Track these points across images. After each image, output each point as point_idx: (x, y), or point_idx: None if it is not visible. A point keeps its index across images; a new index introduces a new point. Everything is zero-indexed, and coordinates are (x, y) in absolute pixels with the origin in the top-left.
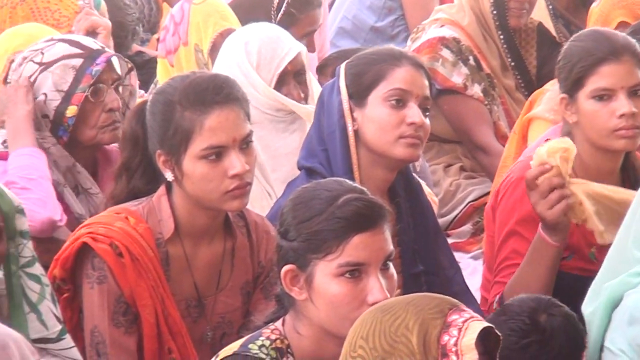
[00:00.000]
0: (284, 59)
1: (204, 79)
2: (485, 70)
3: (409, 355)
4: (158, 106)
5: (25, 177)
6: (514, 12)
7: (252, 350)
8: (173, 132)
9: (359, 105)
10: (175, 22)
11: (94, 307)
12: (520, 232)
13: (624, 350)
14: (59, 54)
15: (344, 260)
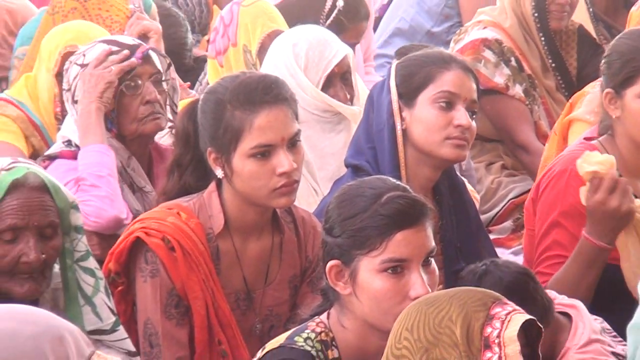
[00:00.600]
0: (332, 61)
1: (253, 79)
2: (527, 71)
3: (452, 347)
4: (209, 105)
5: (95, 174)
6: (555, 14)
7: (298, 343)
8: (223, 131)
9: (408, 105)
10: (224, 24)
11: (147, 299)
12: (563, 223)
13: None
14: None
15: (386, 256)
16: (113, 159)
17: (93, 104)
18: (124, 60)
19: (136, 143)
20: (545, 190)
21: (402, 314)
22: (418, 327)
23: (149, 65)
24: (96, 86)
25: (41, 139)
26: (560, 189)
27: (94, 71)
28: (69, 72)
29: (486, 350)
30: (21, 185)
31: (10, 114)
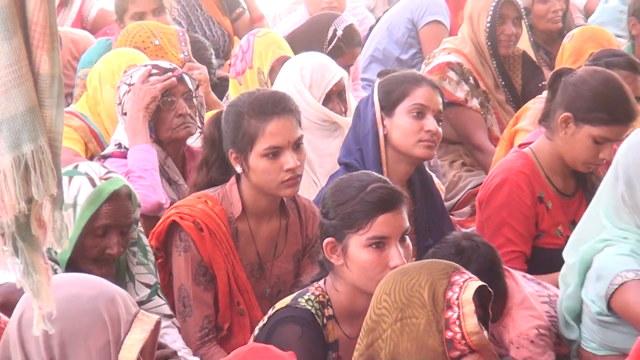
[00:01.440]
0: (331, 81)
1: (265, 95)
2: (482, 88)
3: (421, 307)
4: (230, 115)
5: (142, 167)
6: (504, 43)
7: (301, 303)
8: (242, 136)
9: (388, 115)
10: (242, 51)
11: (180, 270)
12: (511, 224)
13: (593, 300)
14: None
15: (371, 234)
16: (155, 156)
17: (140, 112)
18: (166, 80)
19: (171, 146)
20: (492, 195)
21: (382, 281)
22: (394, 291)
23: (182, 85)
24: (144, 99)
25: (97, 144)
26: (504, 195)
27: (142, 86)
28: (119, 90)
29: (448, 310)
30: (117, 195)
31: (73, 125)
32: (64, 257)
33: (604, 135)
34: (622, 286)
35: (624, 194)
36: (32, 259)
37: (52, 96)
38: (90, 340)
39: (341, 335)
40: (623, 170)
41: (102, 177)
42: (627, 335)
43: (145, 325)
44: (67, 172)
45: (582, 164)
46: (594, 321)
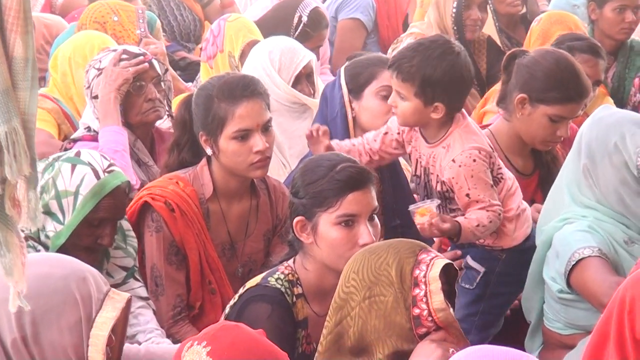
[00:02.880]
0: (299, 64)
1: (235, 79)
2: None
3: (389, 285)
4: (200, 98)
5: (112, 149)
6: (469, 27)
7: (271, 282)
8: (212, 119)
9: (356, 98)
10: (214, 35)
11: (153, 250)
12: None
13: (554, 278)
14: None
15: (341, 212)
16: (126, 138)
17: (112, 94)
18: (138, 64)
19: (140, 129)
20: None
21: (350, 260)
22: (362, 270)
23: (152, 70)
24: (116, 81)
25: (70, 125)
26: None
27: (114, 68)
28: (88, 73)
29: (415, 287)
30: (118, 190)
31: (46, 107)
32: (58, 242)
33: (559, 113)
34: (580, 263)
35: (586, 166)
36: (6, 238)
37: (26, 79)
38: (62, 318)
39: (310, 313)
40: (586, 144)
41: (105, 169)
42: (589, 312)
43: (116, 304)
44: (69, 158)
45: (540, 143)
46: (555, 300)
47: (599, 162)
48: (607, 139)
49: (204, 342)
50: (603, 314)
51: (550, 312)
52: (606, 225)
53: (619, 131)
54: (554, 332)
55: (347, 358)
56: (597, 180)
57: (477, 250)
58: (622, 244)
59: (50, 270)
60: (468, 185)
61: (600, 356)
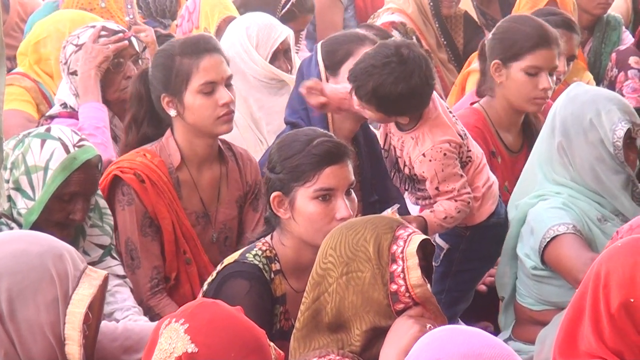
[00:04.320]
0: (277, 40)
1: (195, 36)
2: (425, 47)
3: (367, 261)
4: (160, 59)
5: (93, 125)
6: (446, 3)
7: (249, 258)
8: (175, 76)
9: (332, 75)
10: (189, 11)
11: (126, 223)
12: None
13: (528, 254)
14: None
15: (318, 186)
16: (107, 114)
17: (92, 71)
18: (118, 41)
19: (118, 106)
20: None
21: (327, 236)
22: (340, 246)
23: (130, 47)
24: (96, 57)
25: (48, 105)
26: None
27: (94, 45)
28: (65, 49)
29: (392, 264)
30: (89, 164)
31: (25, 86)
32: (31, 218)
33: (532, 64)
34: (554, 239)
35: (561, 144)
36: None
37: None
38: (38, 295)
39: (288, 289)
40: (561, 121)
41: (75, 144)
42: (562, 289)
43: (93, 281)
44: (39, 134)
45: (528, 102)
46: (528, 276)
47: (574, 139)
48: (583, 116)
49: (182, 320)
50: (578, 288)
51: (522, 288)
52: (580, 203)
53: (594, 108)
54: (525, 307)
55: (325, 334)
56: (573, 157)
57: None
58: (595, 222)
59: (27, 248)
60: (438, 179)
61: (575, 331)
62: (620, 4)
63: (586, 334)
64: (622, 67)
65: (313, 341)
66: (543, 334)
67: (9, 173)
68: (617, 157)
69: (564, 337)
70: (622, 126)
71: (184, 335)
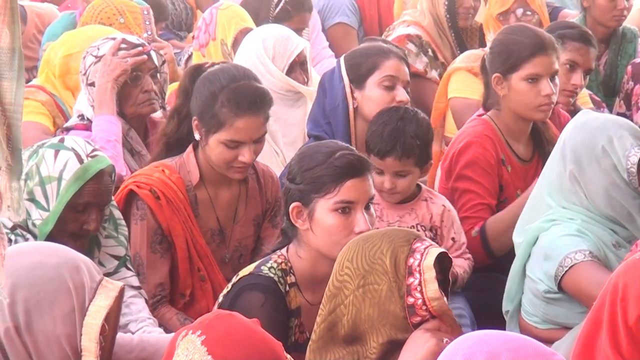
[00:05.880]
0: (294, 52)
1: (245, 89)
2: (440, 60)
3: (383, 274)
4: (205, 92)
5: (105, 138)
6: (462, 15)
7: (264, 271)
8: (210, 116)
9: (358, 88)
10: (206, 23)
11: (137, 238)
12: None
13: (541, 278)
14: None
15: (339, 198)
16: (120, 128)
17: (109, 84)
18: (137, 55)
19: (134, 120)
20: (457, 158)
21: (344, 248)
22: (357, 258)
23: (149, 61)
24: (114, 71)
25: (64, 119)
26: (470, 156)
27: (113, 58)
28: (85, 60)
29: (409, 276)
30: (102, 174)
31: (41, 99)
32: (46, 229)
33: (531, 72)
34: (572, 268)
35: (573, 172)
36: None
37: (13, 69)
38: (55, 306)
39: (303, 302)
40: (571, 149)
41: (88, 154)
42: (569, 311)
43: (109, 292)
44: (53, 145)
45: (533, 110)
46: (538, 297)
47: (587, 167)
48: (594, 143)
49: (199, 331)
50: (596, 301)
51: (529, 306)
52: (594, 229)
53: (605, 135)
54: (530, 325)
55: (341, 346)
56: (586, 185)
57: None
58: (610, 247)
59: (43, 259)
60: (454, 228)
61: (593, 344)
62: (636, 16)
63: (604, 347)
64: (638, 79)
65: (329, 353)
66: (558, 347)
67: (23, 184)
68: (632, 183)
69: (581, 350)
70: (636, 152)
71: (201, 347)
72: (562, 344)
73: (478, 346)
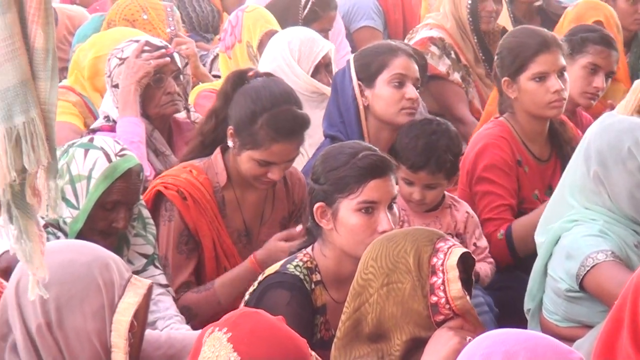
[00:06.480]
0: (319, 54)
1: (287, 116)
2: (463, 62)
3: (407, 272)
4: (245, 108)
5: (128, 140)
6: (484, 19)
7: (289, 269)
8: (247, 134)
9: (368, 87)
10: (232, 25)
11: (164, 239)
12: (496, 180)
13: (562, 278)
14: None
15: (362, 198)
16: (143, 129)
17: (132, 85)
18: (160, 57)
19: (158, 120)
20: (476, 161)
21: (368, 247)
22: (381, 257)
23: (172, 63)
24: (137, 72)
25: (94, 119)
26: (488, 158)
27: (136, 60)
28: (110, 62)
29: (432, 276)
30: (130, 172)
31: (71, 100)
32: (76, 227)
33: (537, 70)
34: (594, 268)
35: (597, 173)
36: (26, 226)
37: (47, 69)
38: (85, 303)
39: (328, 299)
40: (596, 151)
41: (117, 153)
42: (590, 309)
43: (138, 290)
44: (82, 144)
45: (545, 108)
46: (560, 295)
47: (612, 168)
48: (620, 144)
49: (225, 329)
50: (617, 301)
51: (550, 305)
52: (616, 229)
53: (631, 136)
54: (551, 323)
55: (365, 343)
56: (610, 186)
57: None
58: (632, 248)
59: (74, 257)
60: (475, 234)
61: (614, 343)
62: None
63: (624, 346)
64: None
65: (354, 350)
66: (576, 347)
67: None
68: None
69: (602, 348)
70: None
71: (227, 344)
72: (583, 343)
73: (496, 346)
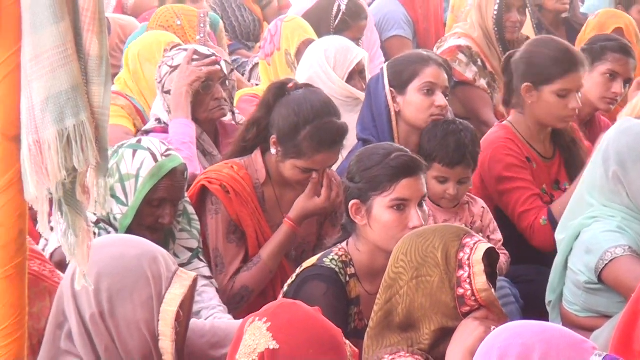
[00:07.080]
0: (353, 61)
1: (329, 128)
2: (489, 69)
3: (435, 266)
4: (289, 119)
5: (180, 140)
6: (509, 29)
7: (326, 263)
8: (291, 145)
9: (400, 94)
10: (271, 34)
11: (213, 232)
12: (516, 176)
13: (582, 270)
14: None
15: (394, 196)
16: (194, 130)
17: (184, 88)
18: (210, 64)
19: (206, 124)
20: (490, 167)
21: (399, 243)
22: (411, 252)
23: (219, 70)
24: (189, 77)
25: (142, 120)
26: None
27: (189, 66)
28: (160, 69)
29: (459, 269)
30: (175, 171)
31: (121, 104)
32: (125, 222)
33: (563, 87)
34: (613, 262)
35: (616, 173)
36: (74, 222)
37: (101, 75)
38: (135, 294)
39: (362, 291)
40: (616, 152)
41: (163, 153)
42: (608, 300)
43: (184, 282)
44: (131, 145)
45: (558, 120)
46: (579, 287)
47: (632, 168)
48: (639, 146)
49: (265, 319)
50: (634, 293)
51: (570, 296)
52: (634, 226)
53: None
54: (571, 313)
55: (396, 333)
56: (629, 185)
57: None
58: None
59: (124, 251)
60: (490, 228)
61: (631, 332)
62: None
63: None
64: None
65: (385, 339)
66: (595, 337)
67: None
68: None
69: (619, 338)
70: None
71: (267, 333)
72: (602, 332)
73: (513, 339)
